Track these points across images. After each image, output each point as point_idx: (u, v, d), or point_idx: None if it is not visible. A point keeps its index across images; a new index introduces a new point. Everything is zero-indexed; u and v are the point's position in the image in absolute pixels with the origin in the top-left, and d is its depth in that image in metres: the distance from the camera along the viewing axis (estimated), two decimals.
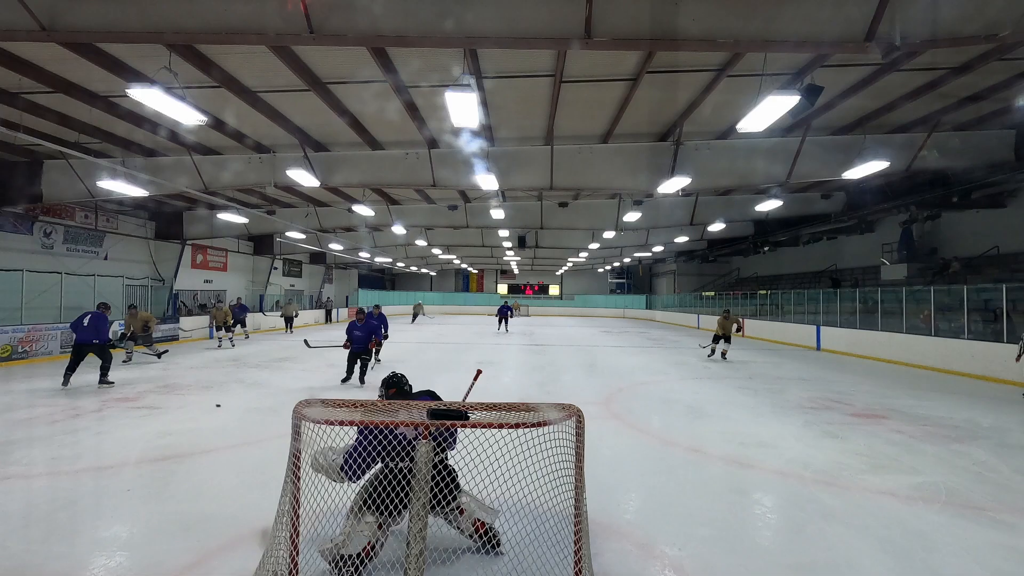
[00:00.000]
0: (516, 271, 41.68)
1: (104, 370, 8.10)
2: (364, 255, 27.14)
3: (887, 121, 9.02)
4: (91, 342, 8.00)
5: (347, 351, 8.60)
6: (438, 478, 2.71)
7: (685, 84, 7.55)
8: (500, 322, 22.32)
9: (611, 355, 13.66)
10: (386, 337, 10.85)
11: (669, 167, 9.48)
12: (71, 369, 7.90)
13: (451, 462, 2.99)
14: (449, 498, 2.86)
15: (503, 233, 19.60)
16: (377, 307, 11.38)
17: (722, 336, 12.29)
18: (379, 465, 2.87)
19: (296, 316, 20.63)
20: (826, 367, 11.59)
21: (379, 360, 10.84)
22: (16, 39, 5.31)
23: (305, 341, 11.65)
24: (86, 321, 8.05)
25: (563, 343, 16.84)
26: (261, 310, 21.95)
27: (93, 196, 10.89)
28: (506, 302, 26.04)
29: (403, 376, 3.36)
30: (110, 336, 8.55)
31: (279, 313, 21.02)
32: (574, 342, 17.29)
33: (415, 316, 28.39)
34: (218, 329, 14.41)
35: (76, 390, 7.74)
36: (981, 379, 9.74)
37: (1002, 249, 13.18)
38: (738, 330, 12.41)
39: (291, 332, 19.64)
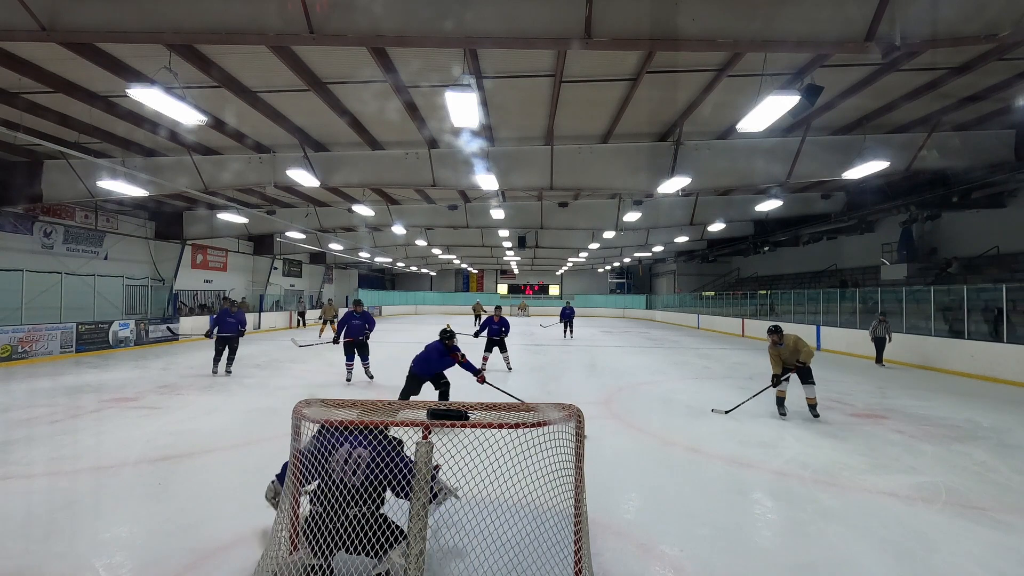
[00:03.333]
0: (516, 271, 41.67)
1: (232, 360, 9.33)
2: (364, 255, 27.14)
3: (887, 121, 9.02)
4: (237, 333, 9.23)
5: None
6: (373, 530, 2.36)
7: (685, 84, 7.55)
8: (490, 348, 10.39)
9: (611, 355, 13.66)
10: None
11: (669, 167, 9.48)
12: (219, 360, 9.22)
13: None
14: (380, 552, 2.40)
15: (503, 233, 19.60)
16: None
17: None
18: (310, 500, 2.58)
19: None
20: (826, 367, 11.58)
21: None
22: (16, 39, 5.32)
23: None
24: (230, 317, 9.11)
25: (563, 343, 16.83)
26: (303, 322, 22.24)
27: (93, 196, 10.89)
28: (498, 309, 10.89)
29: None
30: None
31: (318, 320, 15.21)
32: (574, 342, 17.28)
33: (478, 317, 24.14)
34: None
35: (76, 390, 7.74)
36: (981, 379, 9.73)
37: (1002, 249, 13.18)
38: None
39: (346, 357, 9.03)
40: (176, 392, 7.69)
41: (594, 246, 22.15)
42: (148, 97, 5.82)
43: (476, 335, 10.99)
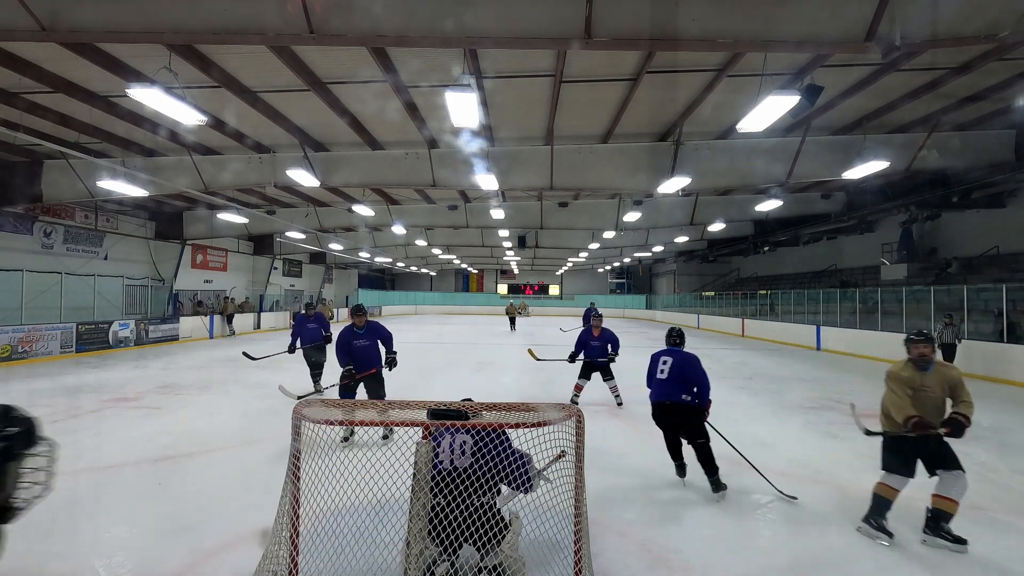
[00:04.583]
0: (516, 271, 41.67)
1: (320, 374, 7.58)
2: (364, 255, 27.13)
3: (887, 121, 9.02)
4: (319, 341, 7.49)
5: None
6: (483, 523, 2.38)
7: (685, 84, 7.54)
8: (588, 375, 7.55)
9: None
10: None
11: (669, 167, 9.48)
12: (318, 373, 7.48)
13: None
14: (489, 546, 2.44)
15: (503, 233, 19.59)
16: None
17: None
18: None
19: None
20: (826, 367, 11.58)
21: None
22: (16, 39, 5.32)
23: None
24: (310, 323, 7.46)
25: (564, 343, 16.82)
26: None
27: (93, 196, 10.88)
28: (597, 319, 7.94)
29: None
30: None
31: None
32: (574, 342, 17.27)
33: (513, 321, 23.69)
34: None
35: (76, 390, 7.74)
36: (981, 379, 9.73)
37: (1002, 249, 13.18)
38: None
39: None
40: (176, 392, 7.69)
41: (594, 246, 22.15)
42: (148, 97, 5.82)
43: (572, 359, 7.58)
